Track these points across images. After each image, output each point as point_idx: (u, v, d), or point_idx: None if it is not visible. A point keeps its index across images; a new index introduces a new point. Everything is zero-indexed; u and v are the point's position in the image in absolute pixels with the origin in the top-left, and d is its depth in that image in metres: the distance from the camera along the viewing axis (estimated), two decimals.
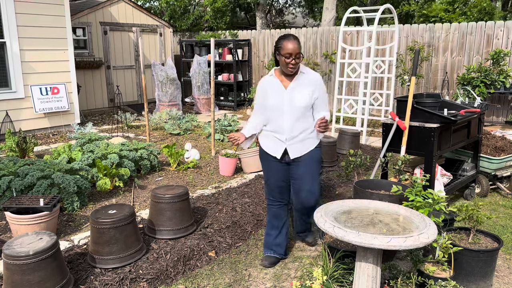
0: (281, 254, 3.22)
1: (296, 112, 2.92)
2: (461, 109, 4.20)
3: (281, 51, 2.81)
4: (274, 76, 2.99)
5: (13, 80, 6.81)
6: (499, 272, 3.15)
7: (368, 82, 6.84)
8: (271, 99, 2.94)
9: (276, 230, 3.18)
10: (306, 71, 2.97)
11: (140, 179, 4.83)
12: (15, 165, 4.10)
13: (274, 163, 3.05)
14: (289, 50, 2.78)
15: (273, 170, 3.07)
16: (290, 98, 2.91)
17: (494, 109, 7.89)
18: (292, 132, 2.94)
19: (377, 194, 3.28)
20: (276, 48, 2.86)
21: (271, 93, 2.95)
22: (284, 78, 2.96)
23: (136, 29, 10.30)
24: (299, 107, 2.91)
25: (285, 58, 2.81)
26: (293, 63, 2.82)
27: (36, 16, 6.99)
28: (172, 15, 13.08)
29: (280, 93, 2.93)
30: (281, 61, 2.86)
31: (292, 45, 2.78)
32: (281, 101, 2.92)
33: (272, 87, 2.97)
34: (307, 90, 2.92)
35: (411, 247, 1.98)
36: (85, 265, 2.96)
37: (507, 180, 4.74)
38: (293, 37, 2.82)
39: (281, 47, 2.82)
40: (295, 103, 2.90)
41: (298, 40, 2.83)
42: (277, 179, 3.08)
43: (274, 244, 3.19)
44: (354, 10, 7.66)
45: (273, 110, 2.94)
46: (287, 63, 2.82)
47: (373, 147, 6.56)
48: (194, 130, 7.72)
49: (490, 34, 7.90)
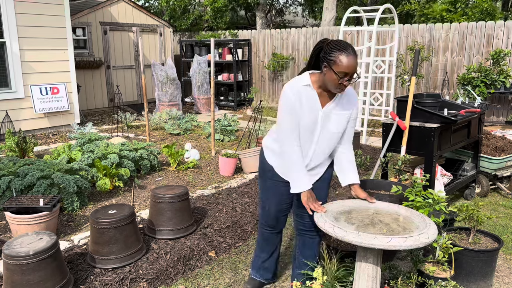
0: (268, 279, 2.90)
1: (328, 138, 2.35)
2: (461, 109, 4.20)
3: (335, 67, 2.12)
4: (311, 87, 2.27)
5: (13, 80, 6.80)
6: (499, 272, 3.15)
7: (368, 82, 6.84)
8: (306, 116, 2.27)
9: (266, 254, 2.82)
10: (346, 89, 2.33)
11: (140, 179, 4.83)
12: (15, 165, 4.10)
13: (280, 185, 2.51)
14: (348, 69, 2.12)
15: (277, 192, 2.54)
16: (325, 120, 2.30)
17: (494, 109, 7.89)
18: (316, 161, 2.42)
19: (377, 194, 3.28)
20: (327, 59, 2.15)
21: (305, 108, 2.27)
22: (323, 93, 2.29)
23: (136, 29, 10.29)
24: (334, 133, 2.34)
25: (339, 77, 2.13)
26: (347, 84, 2.18)
27: (36, 16, 6.99)
28: (172, 15, 13.08)
29: (315, 111, 2.28)
30: (330, 78, 2.16)
31: (352, 63, 2.11)
32: (315, 121, 2.29)
33: (306, 99, 2.27)
34: (346, 113, 2.34)
35: (411, 247, 1.97)
36: (85, 265, 2.96)
37: (507, 180, 4.74)
38: (353, 51, 2.13)
39: (335, 61, 2.12)
40: (330, 129, 2.32)
41: (356, 55, 2.16)
42: (278, 202, 2.57)
43: (262, 267, 2.86)
44: (354, 10, 7.66)
45: (303, 130, 2.32)
46: (340, 84, 2.15)
47: (373, 147, 6.56)
48: (194, 130, 7.72)
49: (490, 34, 7.89)
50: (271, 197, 2.57)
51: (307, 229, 2.61)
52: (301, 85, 2.27)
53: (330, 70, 2.15)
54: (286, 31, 10.58)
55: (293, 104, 2.25)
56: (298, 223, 2.64)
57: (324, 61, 2.17)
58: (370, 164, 5.53)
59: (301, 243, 2.67)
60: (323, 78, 2.22)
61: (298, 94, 2.26)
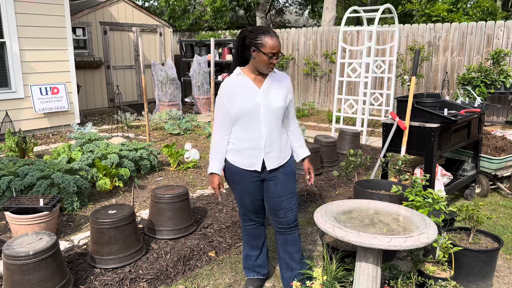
0: (265, 274, 2.96)
1: (274, 114, 2.52)
2: (461, 109, 4.20)
3: (262, 48, 2.38)
4: (242, 75, 2.54)
5: (13, 80, 6.80)
6: (499, 272, 3.14)
7: (368, 82, 6.83)
8: (243, 101, 2.48)
9: (257, 251, 2.87)
10: (277, 71, 2.64)
11: (140, 179, 4.83)
12: (15, 165, 4.10)
13: (250, 182, 2.62)
14: (275, 49, 2.39)
15: (249, 190, 2.64)
16: (265, 98, 2.50)
17: (494, 109, 7.89)
18: (271, 137, 2.54)
19: (377, 194, 3.28)
20: (253, 44, 2.40)
21: (243, 94, 2.50)
22: (256, 77, 2.54)
23: (136, 29, 10.29)
24: (277, 108, 2.52)
25: (268, 56, 2.40)
26: (275, 62, 2.46)
27: (36, 16, 6.99)
28: (171, 15, 13.08)
29: (253, 94, 2.50)
30: (261, 60, 2.42)
31: (277, 43, 2.40)
32: (256, 102, 2.49)
33: (242, 87, 2.51)
34: (282, 90, 2.57)
35: (411, 247, 1.97)
36: (85, 265, 2.96)
37: (507, 180, 4.74)
38: (275, 33, 2.44)
39: (261, 44, 2.38)
40: (272, 104, 2.51)
41: (278, 38, 2.47)
42: (253, 199, 2.68)
43: (256, 266, 2.90)
44: (354, 10, 7.66)
45: (245, 115, 2.50)
46: (269, 63, 2.43)
47: (373, 147, 6.56)
48: (194, 130, 7.72)
49: (490, 34, 7.89)
50: (243, 192, 2.67)
51: (284, 226, 2.68)
52: (233, 76, 2.55)
53: (259, 53, 2.41)
54: (286, 31, 10.58)
55: (222, 98, 2.54)
56: (275, 222, 2.70)
57: (252, 46, 2.42)
58: (370, 164, 5.53)
59: (283, 241, 2.74)
60: (254, 62, 2.48)
61: (230, 86, 2.52)
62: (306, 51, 10.21)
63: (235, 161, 2.60)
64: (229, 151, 2.62)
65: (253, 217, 2.77)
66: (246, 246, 2.89)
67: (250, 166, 2.57)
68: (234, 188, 2.70)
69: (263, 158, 2.55)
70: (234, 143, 2.58)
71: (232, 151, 2.60)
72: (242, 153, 2.57)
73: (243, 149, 2.56)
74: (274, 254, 3.36)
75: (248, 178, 2.61)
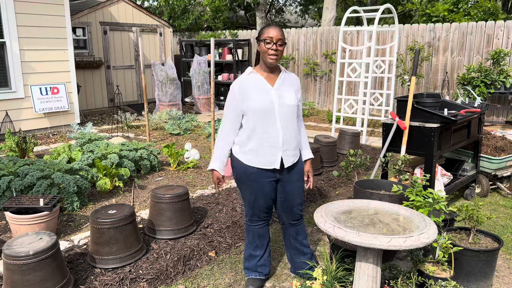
0: (267, 274, 2.95)
1: (288, 112, 2.58)
2: (461, 109, 4.20)
3: (261, 37, 2.49)
4: (254, 73, 2.60)
5: (13, 80, 6.80)
6: (499, 272, 3.15)
7: (368, 82, 6.83)
8: (256, 99, 2.53)
9: (261, 250, 2.88)
10: (287, 71, 2.72)
11: (140, 179, 4.83)
12: (15, 165, 4.10)
13: (266, 182, 2.65)
14: (270, 34, 2.46)
15: (264, 190, 2.66)
16: (279, 96, 2.56)
17: (494, 109, 7.89)
18: (288, 135, 2.61)
19: (377, 194, 3.28)
20: (257, 39, 2.55)
21: (255, 92, 2.54)
22: (268, 75, 2.60)
23: (136, 29, 10.30)
24: (291, 106, 2.59)
25: (265, 43, 2.48)
26: (274, 48, 2.48)
27: (36, 16, 6.99)
28: (171, 15, 13.08)
29: (267, 92, 2.55)
30: (262, 50, 2.51)
31: (273, 29, 2.48)
32: (270, 100, 2.53)
33: (254, 85, 2.56)
34: (293, 89, 2.64)
35: (411, 247, 1.97)
36: (85, 265, 2.96)
37: (507, 180, 4.74)
38: (275, 25, 2.53)
39: (260, 34, 2.51)
40: (287, 102, 2.57)
41: (281, 29, 2.53)
42: (267, 199, 2.71)
43: (259, 265, 2.90)
44: (354, 10, 7.66)
45: (260, 113, 2.53)
46: (267, 49, 2.48)
47: (373, 147, 6.56)
48: (194, 130, 7.72)
49: (490, 34, 7.89)
50: (258, 192, 2.68)
51: (296, 219, 2.85)
52: (245, 75, 2.61)
53: (259, 42, 2.53)
54: (286, 31, 10.57)
55: (234, 94, 2.60)
56: (288, 217, 2.84)
57: (257, 43, 2.56)
58: (370, 164, 5.53)
59: (294, 232, 2.89)
60: (261, 57, 2.57)
61: (243, 84, 2.58)
62: (306, 51, 10.21)
63: (251, 161, 2.62)
64: (244, 152, 2.64)
65: (263, 217, 2.82)
66: (250, 246, 2.90)
67: (268, 164, 2.61)
68: (246, 188, 2.71)
69: (281, 156, 2.61)
70: (246, 142, 2.61)
71: (247, 151, 2.62)
72: (260, 151, 2.59)
73: (257, 149, 2.59)
74: (274, 254, 3.36)
75: (264, 178, 2.65)
